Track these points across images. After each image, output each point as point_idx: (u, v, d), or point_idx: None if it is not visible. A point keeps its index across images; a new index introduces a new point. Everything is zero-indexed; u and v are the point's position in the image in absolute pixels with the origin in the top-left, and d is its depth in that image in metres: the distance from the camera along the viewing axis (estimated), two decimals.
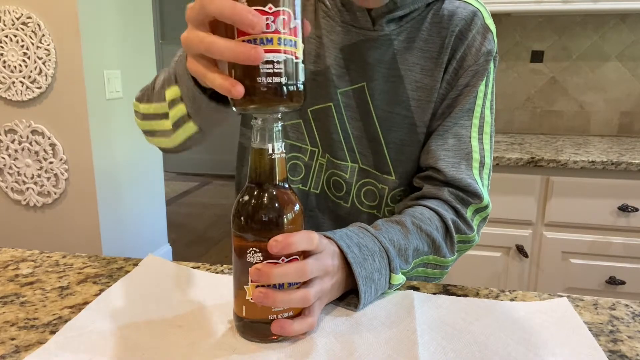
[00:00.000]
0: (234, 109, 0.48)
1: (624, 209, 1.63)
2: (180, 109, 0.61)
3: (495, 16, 2.17)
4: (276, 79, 0.44)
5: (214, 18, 0.43)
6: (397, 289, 0.64)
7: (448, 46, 0.70)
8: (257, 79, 0.44)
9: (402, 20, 0.70)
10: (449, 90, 0.72)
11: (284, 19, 0.44)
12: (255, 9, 0.43)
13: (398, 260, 0.61)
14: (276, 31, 0.44)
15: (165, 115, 0.66)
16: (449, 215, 0.68)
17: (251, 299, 0.52)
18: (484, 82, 0.71)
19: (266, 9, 0.43)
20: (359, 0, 0.68)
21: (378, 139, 0.73)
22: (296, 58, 0.46)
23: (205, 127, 0.63)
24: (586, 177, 1.65)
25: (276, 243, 0.48)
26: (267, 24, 0.43)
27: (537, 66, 2.23)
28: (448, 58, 0.70)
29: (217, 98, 0.56)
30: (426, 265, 0.68)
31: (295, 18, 0.45)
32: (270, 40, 0.44)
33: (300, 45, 0.46)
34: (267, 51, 0.44)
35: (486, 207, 0.72)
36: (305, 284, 0.52)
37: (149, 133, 0.72)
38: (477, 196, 0.70)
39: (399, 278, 0.61)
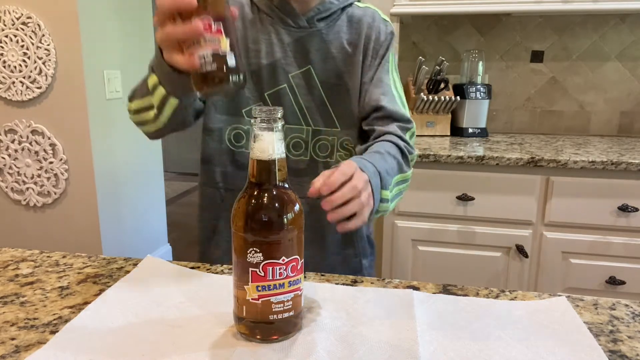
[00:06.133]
0: (197, 94, 0.66)
1: (624, 209, 1.63)
2: (160, 91, 0.80)
3: (495, 16, 2.18)
4: (208, 67, 0.61)
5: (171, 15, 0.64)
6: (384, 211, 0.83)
7: (363, 35, 0.99)
8: (198, 69, 0.62)
9: (326, 19, 0.98)
10: (373, 59, 1.00)
11: (209, 24, 0.61)
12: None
13: (386, 180, 0.82)
14: (201, 34, 0.61)
15: (150, 107, 0.86)
16: (401, 143, 0.93)
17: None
18: (392, 51, 1.02)
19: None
20: (296, 3, 0.96)
21: (325, 104, 0.99)
22: (222, 52, 0.61)
23: (183, 98, 0.82)
24: (586, 177, 1.65)
25: (325, 187, 0.63)
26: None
27: (537, 66, 2.22)
28: (365, 42, 0.99)
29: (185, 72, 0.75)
30: (398, 184, 0.90)
31: (216, 21, 0.61)
32: (198, 42, 0.61)
33: (225, 41, 0.62)
34: (197, 50, 0.61)
35: (414, 132, 1.01)
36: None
37: (141, 124, 0.94)
38: (409, 121, 0.99)
39: (386, 193, 0.82)
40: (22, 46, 2.12)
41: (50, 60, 2.11)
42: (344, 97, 0.99)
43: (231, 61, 0.63)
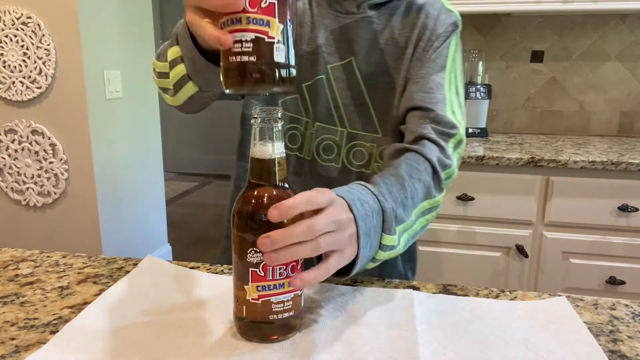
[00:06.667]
0: (225, 91, 0.49)
1: (624, 209, 1.63)
2: (180, 69, 0.68)
3: (495, 16, 2.18)
4: (244, 58, 0.44)
5: None
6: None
7: (419, 24, 0.83)
8: (229, 57, 0.45)
9: (381, 7, 0.85)
10: (424, 52, 0.83)
11: None
12: None
13: (394, 220, 0.63)
14: (244, 10, 0.43)
15: (168, 75, 0.73)
16: (434, 154, 0.74)
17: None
18: (453, 45, 0.84)
19: None
20: None
21: (366, 104, 0.85)
22: (269, 37, 0.44)
23: (204, 88, 0.69)
24: (586, 177, 1.65)
25: (275, 210, 0.48)
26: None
27: (537, 66, 2.22)
28: (419, 32, 0.83)
29: (215, 60, 0.58)
30: (424, 213, 0.72)
31: None
32: (239, 20, 0.44)
33: (277, 26, 0.44)
34: (235, 31, 0.44)
35: (461, 141, 0.80)
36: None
37: (163, 90, 0.79)
38: (453, 126, 0.78)
39: (392, 239, 0.63)
40: (22, 46, 2.12)
41: (50, 60, 2.11)
42: (389, 98, 0.84)
43: (279, 55, 0.45)
